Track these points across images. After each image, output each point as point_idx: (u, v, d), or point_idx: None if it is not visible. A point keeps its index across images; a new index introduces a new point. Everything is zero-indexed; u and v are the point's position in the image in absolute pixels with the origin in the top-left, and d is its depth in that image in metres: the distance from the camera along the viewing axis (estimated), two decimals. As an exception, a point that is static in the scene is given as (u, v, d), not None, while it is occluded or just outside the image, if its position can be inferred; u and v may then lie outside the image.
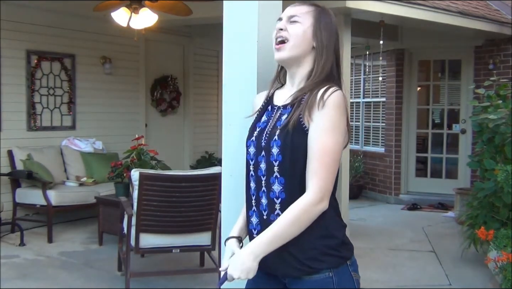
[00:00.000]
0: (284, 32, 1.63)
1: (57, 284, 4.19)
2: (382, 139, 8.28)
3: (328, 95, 1.52)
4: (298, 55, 1.63)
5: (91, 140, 6.60)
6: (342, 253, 1.61)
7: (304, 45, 1.63)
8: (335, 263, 1.59)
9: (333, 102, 1.52)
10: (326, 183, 1.53)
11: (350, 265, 1.63)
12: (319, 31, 1.62)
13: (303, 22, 1.62)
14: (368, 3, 5.42)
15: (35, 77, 6.30)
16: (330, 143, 1.52)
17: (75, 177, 6.16)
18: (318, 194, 1.52)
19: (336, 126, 1.53)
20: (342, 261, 1.61)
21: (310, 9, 1.65)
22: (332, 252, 1.59)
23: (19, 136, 6.11)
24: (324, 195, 1.53)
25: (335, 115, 1.52)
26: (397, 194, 7.97)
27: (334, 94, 1.53)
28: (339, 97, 1.53)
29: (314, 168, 1.52)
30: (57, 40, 6.47)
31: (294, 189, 1.56)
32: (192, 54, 8.13)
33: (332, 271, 1.58)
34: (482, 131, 4.99)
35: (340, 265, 1.60)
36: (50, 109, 6.47)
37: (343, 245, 1.62)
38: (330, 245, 1.59)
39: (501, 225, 4.48)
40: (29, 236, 5.51)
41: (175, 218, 3.88)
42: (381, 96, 8.35)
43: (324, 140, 1.52)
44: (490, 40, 7.17)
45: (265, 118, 1.68)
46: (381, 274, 4.62)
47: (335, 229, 1.62)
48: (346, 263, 1.62)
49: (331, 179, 1.54)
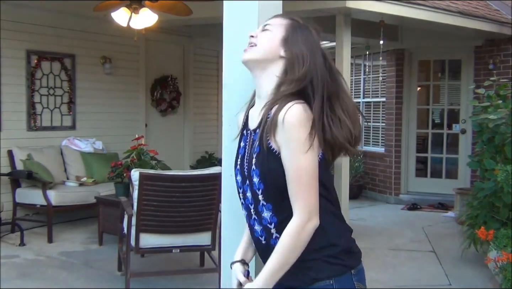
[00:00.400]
0: (254, 38, 1.62)
1: (57, 284, 4.19)
2: (382, 139, 8.28)
3: (283, 115, 1.48)
4: (261, 59, 1.60)
5: (91, 140, 6.60)
6: (344, 261, 1.58)
7: (269, 50, 1.59)
8: (337, 272, 1.56)
9: (290, 122, 1.47)
10: (309, 201, 1.50)
11: (354, 274, 1.59)
12: (291, 42, 1.58)
13: (274, 31, 1.61)
14: (368, 3, 5.42)
15: (35, 77, 6.30)
16: (303, 163, 1.49)
17: (75, 177, 6.16)
18: (304, 214, 1.50)
19: (303, 143, 1.47)
20: (345, 270, 1.58)
21: (285, 22, 1.62)
22: (333, 261, 1.56)
23: (19, 136, 6.11)
24: (311, 213, 1.50)
25: (297, 134, 1.47)
26: (397, 194, 7.98)
27: (289, 112, 1.47)
28: (296, 113, 1.47)
29: (294, 191, 1.51)
30: (57, 40, 6.47)
31: (284, 210, 1.54)
32: (192, 54, 8.13)
33: (333, 279, 1.55)
34: (482, 131, 4.99)
35: (343, 274, 1.57)
36: (50, 109, 6.47)
37: (347, 253, 1.60)
38: (331, 254, 1.56)
39: (501, 225, 4.48)
40: (29, 236, 5.51)
41: (175, 218, 3.88)
42: (381, 96, 8.35)
43: (297, 162, 1.49)
44: (490, 40, 7.17)
45: (243, 144, 1.67)
46: (381, 274, 4.62)
47: (335, 237, 1.59)
48: (349, 272, 1.58)
49: (313, 195, 1.51)
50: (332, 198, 1.60)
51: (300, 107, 1.48)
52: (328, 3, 5.35)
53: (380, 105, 8.36)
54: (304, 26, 1.63)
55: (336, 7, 5.33)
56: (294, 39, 1.58)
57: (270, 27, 1.62)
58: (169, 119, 7.91)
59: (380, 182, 8.21)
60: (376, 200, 8.16)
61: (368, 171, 8.40)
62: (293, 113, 1.47)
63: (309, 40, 1.60)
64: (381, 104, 8.35)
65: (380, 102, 8.36)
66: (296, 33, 1.60)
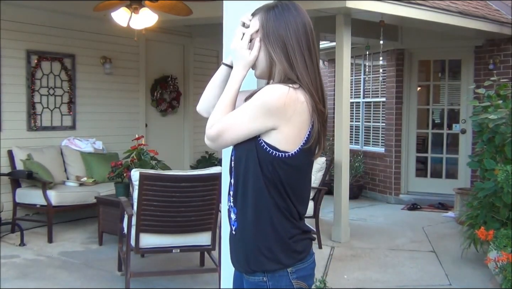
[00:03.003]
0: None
1: (57, 284, 4.19)
2: (382, 139, 8.28)
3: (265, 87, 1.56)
4: (265, 72, 1.66)
5: (91, 140, 6.61)
6: (281, 259, 1.59)
7: (265, 67, 1.65)
8: (271, 267, 1.59)
9: (261, 91, 1.54)
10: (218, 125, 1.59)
11: (291, 272, 1.61)
12: (269, 45, 1.60)
13: (256, 46, 1.63)
14: (368, 3, 5.42)
15: (35, 77, 6.30)
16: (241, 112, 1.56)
17: (75, 177, 6.16)
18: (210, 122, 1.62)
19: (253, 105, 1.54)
20: (280, 267, 1.59)
21: (259, 22, 1.62)
22: (269, 255, 1.58)
23: (19, 136, 6.11)
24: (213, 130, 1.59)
25: (256, 98, 1.54)
26: (397, 194, 7.98)
27: (265, 88, 1.55)
28: (268, 89, 1.53)
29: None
30: (57, 40, 6.47)
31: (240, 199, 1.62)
32: (192, 54, 8.14)
33: (267, 276, 1.59)
34: (482, 131, 4.99)
35: (277, 271, 1.59)
36: (50, 109, 6.47)
37: (288, 251, 1.60)
38: (270, 246, 1.58)
39: (501, 225, 4.48)
40: (29, 236, 5.51)
41: (175, 218, 3.88)
42: (381, 96, 8.35)
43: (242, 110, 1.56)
44: (490, 40, 7.17)
45: None
46: (381, 274, 4.62)
47: (279, 234, 1.59)
48: (285, 270, 1.60)
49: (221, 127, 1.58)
50: (291, 198, 1.60)
51: (283, 92, 1.52)
52: (328, 3, 5.35)
53: (380, 105, 8.36)
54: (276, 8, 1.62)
55: (336, 7, 5.33)
56: (270, 37, 1.60)
57: (257, 42, 1.63)
58: (169, 119, 7.92)
59: (380, 182, 8.22)
60: (376, 200, 8.16)
61: (368, 171, 8.40)
62: (266, 89, 1.54)
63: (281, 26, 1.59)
64: (381, 104, 8.35)
65: (380, 102, 8.36)
66: (269, 30, 1.60)
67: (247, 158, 1.58)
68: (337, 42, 5.75)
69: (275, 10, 1.61)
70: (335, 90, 5.94)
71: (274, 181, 1.56)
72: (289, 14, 1.60)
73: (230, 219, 1.68)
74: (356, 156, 8.37)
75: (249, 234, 1.60)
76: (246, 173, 1.59)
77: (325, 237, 5.65)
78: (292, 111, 1.52)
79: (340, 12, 5.55)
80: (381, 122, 8.34)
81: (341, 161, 5.69)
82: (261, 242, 1.59)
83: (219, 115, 1.60)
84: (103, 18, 5.89)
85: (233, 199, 1.64)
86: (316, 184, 5.40)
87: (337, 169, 5.73)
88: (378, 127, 8.43)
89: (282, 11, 1.60)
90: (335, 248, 5.39)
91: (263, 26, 1.61)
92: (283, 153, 1.55)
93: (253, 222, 1.59)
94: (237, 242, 1.65)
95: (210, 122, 1.62)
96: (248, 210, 1.59)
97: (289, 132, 1.54)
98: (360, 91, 8.77)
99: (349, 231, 5.77)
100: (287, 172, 1.56)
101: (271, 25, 1.60)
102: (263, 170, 1.56)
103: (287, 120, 1.52)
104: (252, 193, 1.58)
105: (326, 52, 8.98)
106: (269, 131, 1.54)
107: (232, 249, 1.69)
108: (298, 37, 1.58)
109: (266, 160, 1.55)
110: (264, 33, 1.61)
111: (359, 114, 8.75)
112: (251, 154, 1.57)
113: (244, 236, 1.62)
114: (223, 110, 1.61)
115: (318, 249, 5.29)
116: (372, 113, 8.58)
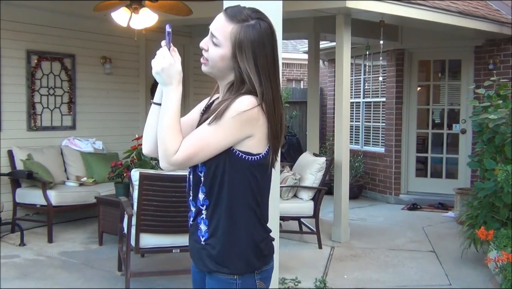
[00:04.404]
0: (206, 53, 1.67)
1: (57, 284, 4.19)
2: (382, 139, 8.28)
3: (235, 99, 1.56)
4: (216, 74, 1.67)
5: (91, 140, 6.60)
6: (253, 263, 1.64)
7: (222, 66, 1.64)
8: (241, 270, 1.63)
9: (237, 104, 1.54)
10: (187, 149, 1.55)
11: (257, 274, 1.67)
12: (240, 54, 1.60)
13: (223, 45, 1.62)
14: (368, 3, 5.42)
15: (35, 77, 6.30)
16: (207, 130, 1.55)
17: (75, 177, 6.16)
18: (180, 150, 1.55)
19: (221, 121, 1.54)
20: (250, 269, 1.65)
21: (231, 28, 1.61)
22: (242, 259, 1.63)
23: (19, 136, 6.11)
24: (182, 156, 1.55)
25: (232, 111, 1.54)
26: (397, 194, 7.98)
27: (242, 99, 1.55)
28: (239, 102, 1.54)
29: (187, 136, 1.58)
30: (57, 40, 6.47)
31: (214, 194, 1.62)
32: (192, 54, 8.13)
33: (237, 276, 1.63)
34: (482, 131, 4.99)
35: (246, 273, 1.64)
36: (50, 109, 6.47)
37: (259, 256, 1.66)
38: (243, 251, 1.63)
39: (501, 225, 4.48)
40: (29, 236, 5.51)
41: (175, 218, 3.88)
42: (381, 96, 8.35)
43: (207, 126, 1.56)
44: (490, 40, 7.17)
45: None
46: (381, 274, 4.62)
47: (251, 235, 1.64)
48: (253, 272, 1.65)
49: (192, 151, 1.55)
50: (263, 202, 1.67)
51: (254, 101, 1.55)
52: (328, 3, 5.35)
53: (380, 105, 8.37)
54: (250, 26, 1.60)
55: (336, 7, 5.34)
56: (243, 48, 1.59)
57: (218, 41, 1.63)
58: (169, 119, 7.92)
59: (380, 182, 8.22)
60: (376, 200, 8.16)
61: (368, 171, 8.41)
62: (244, 100, 1.55)
63: (253, 39, 1.59)
64: (381, 104, 8.35)
65: (380, 102, 8.36)
66: (242, 39, 1.59)
67: (221, 170, 1.59)
68: (337, 42, 5.75)
69: (252, 26, 1.60)
70: (335, 90, 5.94)
71: (251, 187, 1.61)
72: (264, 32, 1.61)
73: (198, 231, 1.67)
74: (356, 156, 8.38)
75: (222, 242, 1.62)
76: (221, 185, 1.60)
77: (325, 237, 5.65)
78: (261, 116, 1.57)
79: (340, 12, 5.55)
80: (381, 122, 8.34)
81: (341, 161, 5.69)
82: (235, 248, 1.62)
83: (176, 140, 1.56)
84: (103, 18, 5.89)
85: (205, 212, 1.65)
86: (316, 184, 5.40)
87: (337, 169, 5.73)
88: (378, 127, 8.43)
89: (259, 28, 1.60)
90: (335, 248, 5.39)
91: (237, 37, 1.60)
92: (257, 155, 1.60)
93: (228, 231, 1.62)
94: (207, 249, 1.65)
95: (170, 149, 1.55)
96: (221, 220, 1.62)
97: (261, 136, 1.59)
98: (360, 91, 8.78)
99: (349, 231, 5.77)
100: (262, 173, 1.63)
101: (247, 38, 1.59)
102: (239, 178, 1.59)
103: (260, 126, 1.58)
104: (227, 203, 1.61)
105: (326, 52, 8.98)
106: (244, 139, 1.57)
107: (198, 254, 1.68)
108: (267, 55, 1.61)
109: (243, 167, 1.59)
110: (237, 43, 1.60)
111: (359, 114, 8.76)
112: (225, 165, 1.59)
113: (216, 244, 1.63)
114: (177, 134, 1.58)
115: (318, 249, 5.29)
116: (372, 113, 8.58)
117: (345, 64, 5.66)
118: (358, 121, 8.76)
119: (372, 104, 8.58)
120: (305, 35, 7.87)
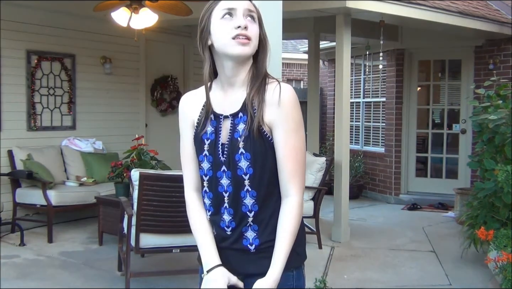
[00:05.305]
0: (248, 32, 1.54)
1: (57, 284, 4.19)
2: (382, 139, 8.28)
3: (280, 94, 1.51)
4: (251, 55, 1.58)
5: (91, 140, 6.60)
6: (302, 254, 1.65)
7: (256, 45, 1.59)
8: (298, 263, 1.63)
9: (289, 101, 1.52)
10: (303, 180, 1.56)
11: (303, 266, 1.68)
12: (262, 30, 1.61)
13: (256, 21, 1.59)
14: (368, 3, 5.42)
15: (35, 77, 6.30)
16: (298, 142, 1.54)
17: (75, 177, 6.16)
18: (301, 193, 1.55)
19: (299, 123, 1.55)
20: (303, 260, 1.65)
21: (255, 6, 1.61)
22: (300, 251, 1.63)
23: (19, 136, 6.11)
24: (303, 192, 1.57)
25: (295, 113, 1.53)
26: (397, 194, 7.98)
27: (287, 91, 1.52)
28: (292, 93, 1.53)
29: (291, 169, 1.52)
30: (57, 40, 6.47)
31: (264, 199, 1.56)
32: (192, 54, 8.12)
33: (294, 270, 1.61)
34: (482, 131, 4.99)
35: (300, 266, 1.64)
36: (50, 109, 6.47)
37: (304, 246, 1.67)
38: (300, 244, 1.62)
39: (501, 225, 4.48)
40: (29, 236, 5.51)
41: (175, 218, 3.87)
42: (381, 96, 8.35)
43: (293, 141, 1.53)
44: (490, 40, 7.17)
45: (211, 129, 1.60)
46: (381, 274, 4.62)
47: (302, 228, 1.65)
48: (303, 264, 1.66)
49: (304, 176, 1.57)
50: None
51: (291, 88, 1.54)
52: (328, 3, 5.35)
53: (380, 105, 8.36)
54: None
55: (336, 7, 5.33)
56: (262, 24, 1.61)
57: (254, 17, 1.58)
58: (169, 119, 7.91)
59: (380, 182, 8.22)
60: (376, 200, 8.16)
61: (368, 171, 8.41)
62: (290, 93, 1.53)
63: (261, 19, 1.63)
64: (381, 104, 8.35)
65: (380, 102, 8.36)
66: (260, 16, 1.61)
67: (269, 166, 1.54)
68: (337, 42, 5.75)
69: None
70: (335, 90, 5.94)
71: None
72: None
73: (243, 240, 1.57)
74: (356, 156, 8.38)
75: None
76: (270, 182, 1.55)
77: (325, 237, 5.65)
78: None
79: (340, 12, 5.55)
80: (381, 122, 8.34)
81: (341, 161, 5.69)
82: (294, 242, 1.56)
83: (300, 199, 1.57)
84: (103, 18, 5.89)
85: (252, 218, 1.55)
86: (316, 184, 5.40)
87: (337, 169, 5.73)
88: (378, 127, 8.43)
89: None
90: (335, 248, 5.39)
91: (259, 12, 1.61)
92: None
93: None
94: (265, 252, 1.56)
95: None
96: (272, 219, 1.55)
97: None
98: (360, 91, 8.78)
99: (349, 231, 5.77)
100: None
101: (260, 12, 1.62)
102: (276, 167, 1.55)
103: None
104: (277, 199, 1.56)
105: (326, 52, 8.98)
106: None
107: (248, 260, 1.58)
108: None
109: (273, 153, 1.55)
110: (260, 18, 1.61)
111: (359, 114, 8.75)
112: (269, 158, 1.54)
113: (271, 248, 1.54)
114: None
115: (318, 249, 5.29)
116: (372, 113, 8.58)
117: (345, 64, 5.66)
118: (358, 121, 8.76)
119: (372, 104, 8.57)
120: (305, 35, 7.87)
